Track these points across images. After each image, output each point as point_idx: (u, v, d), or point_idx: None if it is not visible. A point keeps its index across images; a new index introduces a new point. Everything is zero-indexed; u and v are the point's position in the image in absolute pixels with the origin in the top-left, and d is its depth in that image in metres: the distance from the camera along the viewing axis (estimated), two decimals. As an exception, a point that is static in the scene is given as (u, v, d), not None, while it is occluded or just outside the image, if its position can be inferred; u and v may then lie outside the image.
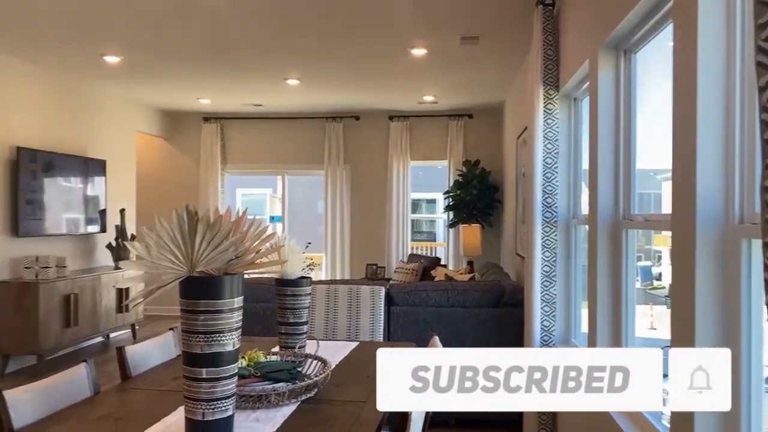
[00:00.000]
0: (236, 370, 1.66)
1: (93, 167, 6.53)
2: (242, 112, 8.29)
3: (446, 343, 3.90)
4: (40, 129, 5.84)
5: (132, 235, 6.96)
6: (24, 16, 4.31)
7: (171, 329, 2.76)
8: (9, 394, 1.80)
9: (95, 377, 2.15)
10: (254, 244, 1.74)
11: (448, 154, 8.08)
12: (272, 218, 12.70)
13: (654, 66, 2.47)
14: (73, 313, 5.63)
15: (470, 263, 6.84)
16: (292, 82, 6.32)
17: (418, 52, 5.11)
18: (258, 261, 1.74)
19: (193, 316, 1.60)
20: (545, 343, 3.35)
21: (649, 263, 3.85)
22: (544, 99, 3.37)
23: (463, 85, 6.48)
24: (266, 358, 2.25)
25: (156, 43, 4.98)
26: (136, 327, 6.92)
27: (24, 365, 5.49)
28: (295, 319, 2.47)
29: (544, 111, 3.36)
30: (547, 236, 3.35)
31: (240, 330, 1.67)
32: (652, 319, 3.40)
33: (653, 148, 2.61)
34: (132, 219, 7.41)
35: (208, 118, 8.39)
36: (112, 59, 5.44)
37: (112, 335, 6.82)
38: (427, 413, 1.99)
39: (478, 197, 7.35)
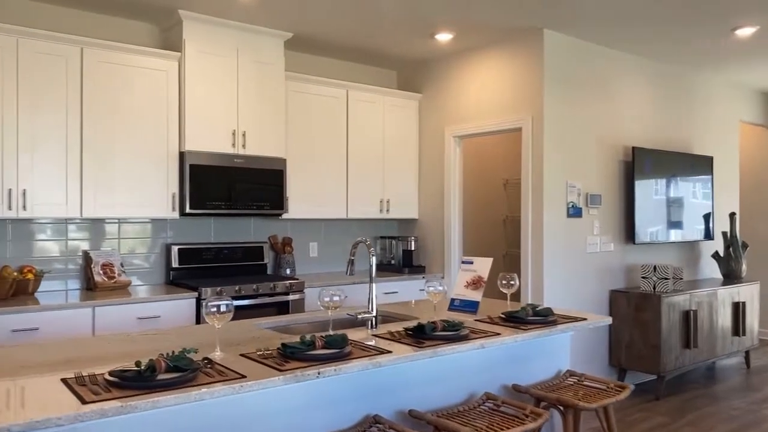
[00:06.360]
0: None
1: (699, 165, 5.74)
2: None
3: None
4: (647, 125, 5.39)
5: (743, 243, 5.85)
6: (640, 8, 3.80)
7: None
8: None
9: None
10: None
11: None
12: None
13: None
14: (693, 332, 4.93)
15: None
16: None
17: None
18: None
19: None
20: None
21: None
22: None
23: None
24: None
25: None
26: (750, 353, 5.78)
27: (639, 381, 5.11)
28: None
29: None
30: None
31: None
32: None
33: None
34: (736, 223, 6.30)
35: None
36: (744, 32, 4.49)
37: (718, 362, 5.88)
38: None
39: None
